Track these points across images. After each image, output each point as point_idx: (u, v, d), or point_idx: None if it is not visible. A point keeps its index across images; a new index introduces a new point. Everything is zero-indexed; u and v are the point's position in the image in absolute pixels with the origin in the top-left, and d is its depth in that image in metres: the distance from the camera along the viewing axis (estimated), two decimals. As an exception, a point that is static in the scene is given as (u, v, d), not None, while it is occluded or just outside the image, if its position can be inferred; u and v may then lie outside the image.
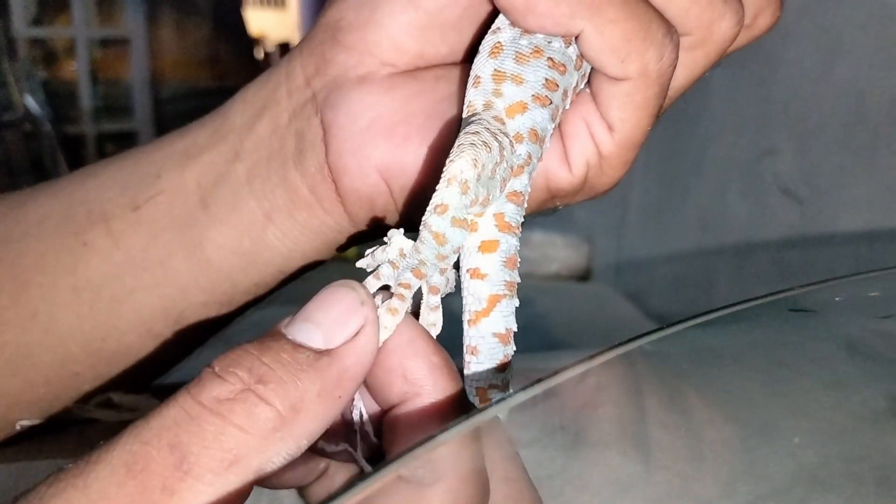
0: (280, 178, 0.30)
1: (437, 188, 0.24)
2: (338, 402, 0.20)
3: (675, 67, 0.26)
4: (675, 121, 1.00)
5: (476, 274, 0.26)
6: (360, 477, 0.18)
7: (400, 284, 0.24)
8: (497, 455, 0.21)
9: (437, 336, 0.25)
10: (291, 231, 0.31)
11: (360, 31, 0.28)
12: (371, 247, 0.25)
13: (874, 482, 0.23)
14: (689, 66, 0.27)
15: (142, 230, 0.32)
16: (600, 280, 1.21)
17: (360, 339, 0.21)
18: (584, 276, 1.26)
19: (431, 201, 0.24)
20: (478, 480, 0.21)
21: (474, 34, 0.28)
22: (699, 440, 0.23)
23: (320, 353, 0.21)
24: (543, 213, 0.31)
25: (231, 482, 0.19)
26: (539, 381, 0.22)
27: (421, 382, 0.22)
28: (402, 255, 0.24)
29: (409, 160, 0.28)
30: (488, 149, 0.24)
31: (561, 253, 1.24)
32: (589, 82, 0.28)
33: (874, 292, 0.32)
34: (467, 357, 0.26)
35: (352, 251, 0.31)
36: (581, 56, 0.26)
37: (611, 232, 1.19)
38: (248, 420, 0.19)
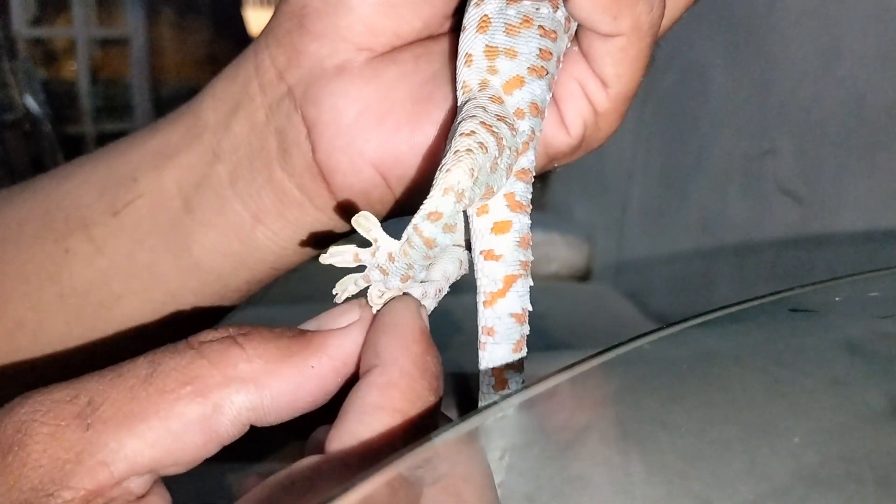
0: (265, 179, 0.30)
1: (431, 193, 0.23)
2: (309, 373, 0.22)
3: (663, 16, 0.26)
4: (675, 121, 1.00)
5: (490, 255, 0.26)
6: (360, 476, 0.18)
7: (388, 290, 0.24)
8: (467, 468, 0.21)
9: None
10: (283, 230, 0.30)
11: (330, 16, 0.27)
12: (344, 251, 0.24)
13: (874, 482, 0.23)
14: (670, 9, 0.28)
15: (124, 236, 0.31)
16: (600, 280, 1.21)
17: (350, 330, 0.23)
18: (584, 276, 1.26)
19: (424, 206, 0.23)
20: (480, 479, 0.21)
21: (442, 3, 0.28)
22: (699, 440, 0.23)
23: (306, 330, 0.23)
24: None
25: (187, 408, 0.21)
26: (539, 381, 0.22)
27: (384, 356, 0.22)
28: (391, 260, 0.24)
29: (404, 149, 0.28)
30: (484, 149, 0.24)
31: (561, 253, 1.24)
32: (577, 41, 0.27)
33: (874, 292, 0.32)
34: (483, 338, 0.26)
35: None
36: (569, 17, 0.26)
37: (611, 232, 1.19)
38: (218, 357, 0.21)
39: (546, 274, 1.23)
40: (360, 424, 0.21)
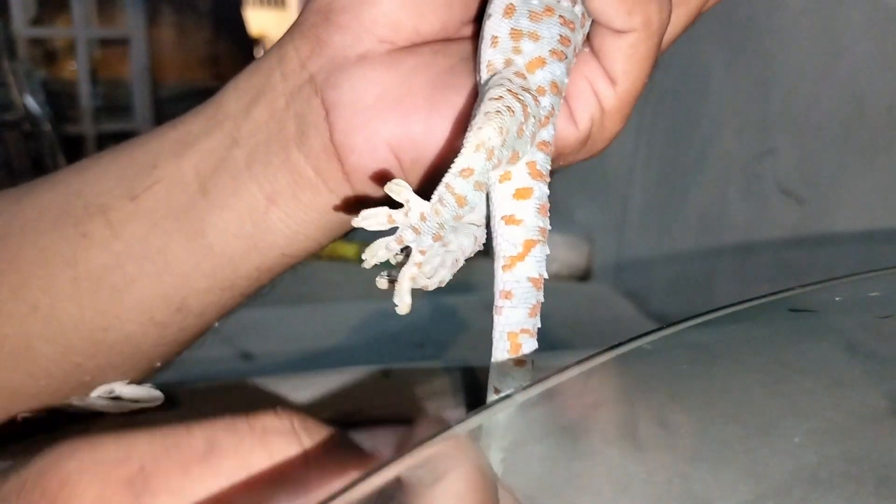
0: (282, 160, 0.31)
1: (462, 152, 0.25)
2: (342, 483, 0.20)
3: (669, 19, 0.28)
4: (675, 121, 1.00)
5: (511, 220, 0.27)
6: (360, 477, 0.18)
7: (419, 251, 0.25)
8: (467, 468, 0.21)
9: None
10: (295, 212, 0.31)
11: (355, 10, 0.29)
12: (378, 235, 0.25)
13: (874, 482, 0.23)
14: (673, 23, 0.29)
15: (141, 220, 0.32)
16: (600, 280, 1.22)
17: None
18: (584, 276, 1.26)
19: (455, 164, 0.24)
20: (482, 478, 0.21)
21: (461, 9, 0.30)
22: (699, 440, 0.23)
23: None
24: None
25: (237, 499, 0.19)
26: (539, 381, 0.22)
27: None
28: (423, 219, 0.25)
29: (419, 131, 0.29)
30: (511, 112, 0.25)
31: (561, 253, 1.24)
32: (588, 41, 0.29)
33: (874, 292, 0.32)
34: (500, 302, 0.27)
35: (352, 251, 0.31)
36: (584, 14, 0.28)
37: (611, 232, 1.19)
38: (279, 450, 0.20)
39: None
40: None
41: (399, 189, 0.25)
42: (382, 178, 0.30)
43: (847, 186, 0.67)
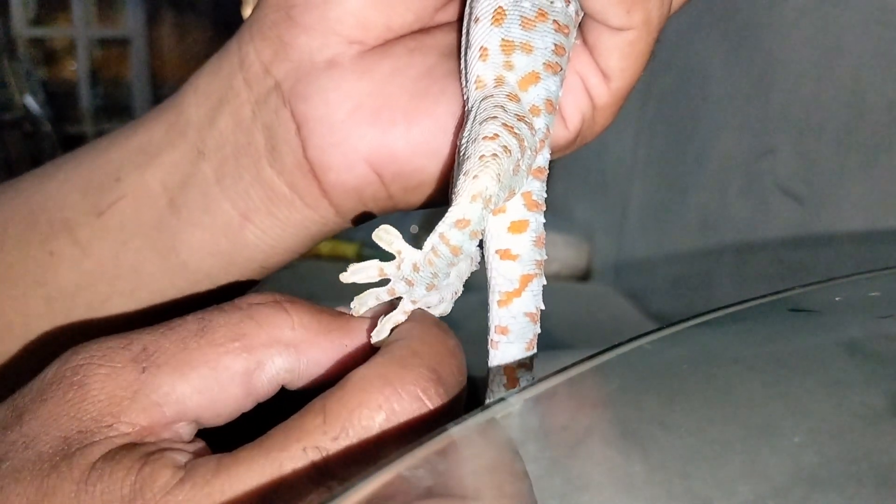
0: (253, 176, 0.29)
1: (457, 201, 0.23)
2: (342, 350, 0.24)
3: (669, 12, 0.27)
4: (675, 121, 1.00)
5: (507, 255, 0.25)
6: (360, 477, 0.18)
7: (411, 301, 0.24)
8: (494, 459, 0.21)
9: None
10: (272, 228, 0.30)
11: (320, 9, 0.27)
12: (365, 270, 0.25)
13: (874, 482, 0.23)
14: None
15: (109, 237, 0.31)
16: (600, 280, 1.21)
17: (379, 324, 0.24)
18: (584, 276, 1.26)
19: (450, 214, 0.23)
20: (513, 464, 0.21)
21: None
22: (699, 440, 0.23)
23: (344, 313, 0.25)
24: None
25: (234, 362, 0.22)
26: (539, 381, 0.22)
27: (404, 333, 0.24)
28: (416, 270, 0.24)
29: (399, 145, 0.27)
30: (508, 153, 0.23)
31: (561, 253, 1.24)
32: (581, 34, 0.27)
33: (874, 292, 0.32)
34: (496, 337, 0.26)
35: (352, 251, 0.31)
36: (577, 12, 0.26)
37: (611, 232, 1.19)
38: (266, 319, 0.23)
39: (546, 274, 1.23)
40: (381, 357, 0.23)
41: (390, 239, 0.24)
42: (362, 219, 0.29)
43: (847, 186, 0.67)
